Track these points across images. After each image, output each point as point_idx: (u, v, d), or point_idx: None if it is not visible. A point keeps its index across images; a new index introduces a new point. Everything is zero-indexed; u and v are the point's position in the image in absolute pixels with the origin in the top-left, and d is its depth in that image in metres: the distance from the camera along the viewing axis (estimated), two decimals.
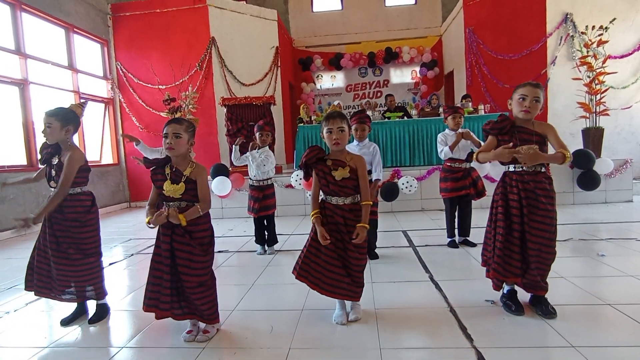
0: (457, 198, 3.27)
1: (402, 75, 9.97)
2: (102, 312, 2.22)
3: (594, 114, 5.51)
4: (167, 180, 1.81)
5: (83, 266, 2.12)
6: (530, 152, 1.79)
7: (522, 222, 1.93)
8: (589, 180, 4.94)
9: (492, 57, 7.31)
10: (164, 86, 6.98)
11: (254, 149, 3.40)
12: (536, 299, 1.99)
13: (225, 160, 6.63)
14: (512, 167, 2.00)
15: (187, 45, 7.10)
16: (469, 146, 3.19)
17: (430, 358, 1.65)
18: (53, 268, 2.10)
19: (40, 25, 5.85)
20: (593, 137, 5.45)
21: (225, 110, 5.97)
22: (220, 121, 6.90)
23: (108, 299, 2.30)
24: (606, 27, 5.62)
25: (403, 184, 5.06)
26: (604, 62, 5.53)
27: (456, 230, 3.38)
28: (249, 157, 3.37)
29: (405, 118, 6.26)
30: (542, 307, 1.94)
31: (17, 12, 5.33)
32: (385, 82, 10.01)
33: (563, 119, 6.54)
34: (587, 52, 5.80)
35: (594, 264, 2.75)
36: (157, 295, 1.84)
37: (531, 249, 1.91)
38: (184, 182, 1.80)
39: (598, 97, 5.48)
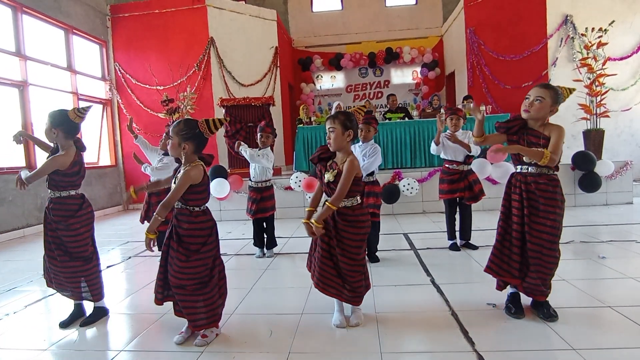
0: (456, 200, 3.27)
1: (402, 76, 9.95)
2: (97, 315, 2.21)
3: (594, 116, 5.51)
4: (172, 182, 1.89)
5: (68, 268, 2.13)
6: (511, 148, 1.90)
7: (523, 222, 1.92)
8: (590, 182, 4.94)
9: (494, 58, 7.31)
10: (162, 87, 6.97)
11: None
12: (538, 302, 1.98)
13: (223, 162, 6.62)
14: (518, 168, 2.00)
15: (185, 45, 7.09)
16: (461, 150, 3.18)
17: None
18: (55, 263, 2.16)
19: (40, 27, 5.84)
20: (594, 139, 5.45)
21: (224, 111, 5.95)
22: None
23: (106, 302, 2.29)
24: (605, 29, 5.62)
25: (404, 186, 5.04)
26: (603, 63, 5.53)
27: (457, 233, 3.37)
28: (248, 151, 3.28)
29: (406, 119, 6.25)
30: (543, 310, 1.93)
31: (18, 14, 5.33)
32: (386, 83, 9.99)
33: (564, 121, 6.48)
34: (588, 53, 5.80)
35: (595, 267, 2.74)
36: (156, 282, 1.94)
37: (531, 251, 1.91)
38: (174, 183, 1.86)
39: (598, 98, 5.47)
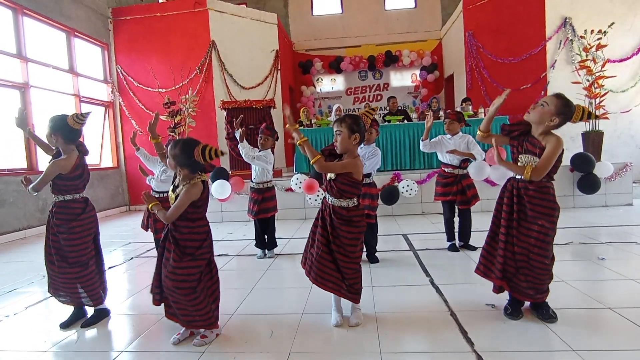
0: (453, 203, 3.28)
1: (402, 79, 10.00)
2: (98, 317, 2.22)
3: (593, 118, 5.52)
4: (172, 186, 1.92)
5: (65, 274, 2.12)
6: (496, 155, 1.91)
7: (511, 226, 1.95)
8: (589, 183, 4.95)
9: (492, 61, 7.34)
10: (164, 89, 7.00)
11: (242, 140, 3.29)
12: (537, 303, 1.98)
13: (225, 164, 6.64)
14: (512, 173, 2.02)
15: (187, 48, 7.13)
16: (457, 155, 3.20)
17: None
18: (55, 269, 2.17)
19: (42, 29, 5.87)
20: (593, 141, 5.47)
21: (225, 113, 5.98)
22: (220, 124, 6.91)
23: (107, 303, 2.30)
24: (605, 31, 5.65)
25: (403, 187, 5.06)
26: (603, 65, 5.56)
27: (456, 235, 3.38)
28: (246, 148, 3.25)
29: (406, 121, 6.27)
30: (542, 311, 1.94)
31: (19, 16, 5.36)
32: (385, 86, 10.04)
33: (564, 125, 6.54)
34: (586, 55, 5.83)
35: (595, 268, 2.75)
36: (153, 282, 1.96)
37: (518, 254, 1.93)
38: (176, 196, 1.87)
39: (597, 100, 5.50)
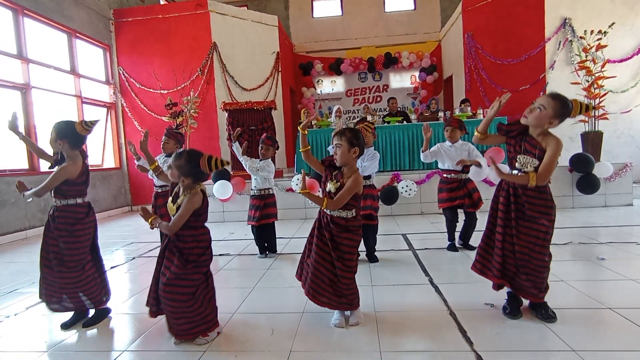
0: (455, 208, 3.28)
1: (401, 80, 10.03)
2: (98, 316, 2.22)
3: (593, 118, 5.53)
4: (171, 197, 1.93)
5: (64, 279, 2.12)
6: (496, 169, 1.92)
7: (508, 225, 1.95)
8: (588, 184, 4.95)
9: (491, 62, 7.36)
10: (166, 91, 7.03)
11: (245, 152, 3.37)
12: (536, 303, 1.99)
13: (227, 166, 6.65)
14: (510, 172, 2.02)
15: (188, 50, 7.16)
16: (459, 157, 3.21)
17: None
18: (54, 275, 2.13)
19: (43, 30, 5.90)
20: (592, 141, 5.48)
21: (226, 114, 6.00)
22: (221, 126, 6.94)
23: (109, 302, 2.30)
24: (605, 32, 5.66)
25: (402, 187, 5.07)
26: (602, 66, 5.57)
27: (457, 234, 3.39)
28: (249, 162, 3.33)
29: (405, 122, 6.30)
30: (541, 311, 1.95)
31: (19, 17, 5.38)
32: (385, 87, 10.06)
33: (563, 123, 6.55)
34: (586, 56, 5.84)
35: (594, 268, 2.75)
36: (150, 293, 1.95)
37: (519, 253, 1.93)
38: (176, 207, 1.87)
39: (597, 101, 5.51)
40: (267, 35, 8.02)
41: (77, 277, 2.12)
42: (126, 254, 3.92)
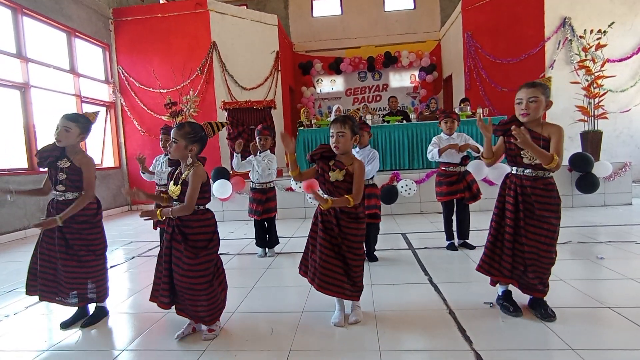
0: (453, 202, 3.30)
1: (401, 80, 10.03)
2: (98, 315, 2.23)
3: (592, 117, 5.53)
4: (171, 181, 1.91)
5: (92, 268, 2.17)
6: (523, 136, 1.78)
7: (517, 225, 1.94)
8: (587, 183, 4.95)
9: (491, 62, 7.35)
10: (166, 90, 7.02)
11: (255, 153, 3.42)
12: (535, 302, 1.99)
13: (226, 164, 6.65)
14: (514, 170, 2.01)
15: (188, 49, 7.15)
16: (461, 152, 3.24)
17: None
18: (61, 272, 2.10)
19: (42, 29, 5.89)
20: (591, 141, 5.48)
21: (226, 114, 6.00)
22: None
23: (108, 301, 2.31)
24: (605, 31, 5.66)
25: (402, 187, 5.07)
26: (602, 65, 5.57)
27: (455, 233, 3.39)
28: (254, 161, 3.37)
29: (404, 122, 6.30)
30: (541, 310, 1.95)
31: (19, 16, 5.37)
32: (385, 86, 10.06)
33: (561, 122, 6.33)
34: (586, 55, 5.84)
35: (593, 267, 2.76)
36: (158, 288, 1.94)
37: (528, 252, 1.92)
38: (180, 185, 1.87)
39: (596, 100, 5.51)
40: (267, 35, 8.01)
41: (95, 266, 2.18)
42: (125, 254, 3.92)
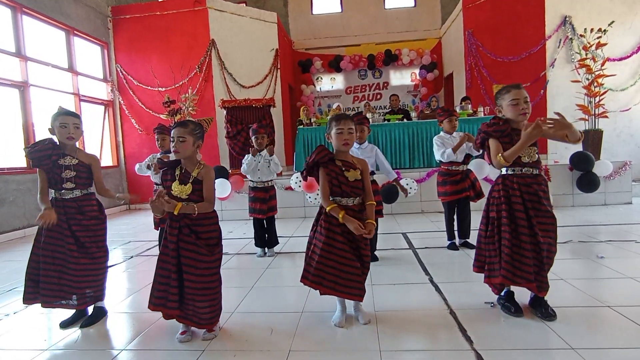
0: (456, 201, 3.28)
1: (401, 78, 9.99)
2: (97, 315, 2.22)
3: (593, 116, 5.53)
4: (176, 181, 1.89)
5: (102, 265, 2.18)
6: (563, 121, 1.76)
7: (531, 224, 1.90)
8: (588, 182, 4.95)
9: (492, 60, 7.34)
10: (164, 88, 7.00)
11: (254, 154, 3.39)
12: (537, 301, 1.98)
13: (224, 162, 6.64)
14: (511, 170, 1.98)
15: (187, 47, 7.12)
16: (465, 149, 3.23)
17: None
18: (71, 273, 2.07)
19: (41, 28, 5.86)
20: (592, 140, 5.47)
21: (224, 112, 5.98)
22: (219, 123, 6.91)
23: (106, 301, 2.30)
24: (605, 30, 5.65)
25: (403, 186, 5.05)
26: (602, 64, 5.56)
27: (456, 233, 3.39)
28: (261, 162, 3.34)
29: (405, 120, 6.28)
30: (541, 309, 1.94)
31: (18, 14, 5.35)
32: (385, 84, 10.03)
33: None
34: (586, 54, 5.83)
35: (594, 266, 2.75)
36: (164, 295, 1.86)
37: (545, 251, 1.90)
38: (191, 183, 1.87)
39: (597, 99, 5.50)
40: (266, 32, 7.98)
41: (102, 263, 2.18)
42: (124, 253, 3.91)
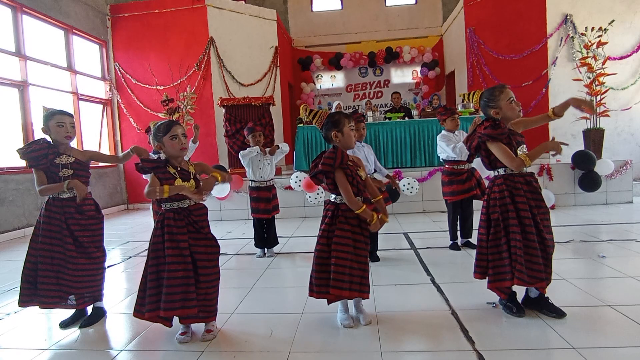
0: (460, 200, 3.23)
1: (402, 76, 9.95)
2: (96, 316, 2.21)
3: (594, 115, 5.50)
4: (178, 178, 1.87)
5: (100, 265, 2.18)
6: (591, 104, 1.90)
7: (536, 222, 1.90)
8: (590, 181, 4.94)
9: (493, 58, 7.31)
10: (162, 87, 6.97)
11: (265, 152, 3.37)
12: (541, 301, 1.96)
13: (223, 161, 6.62)
14: (510, 170, 1.95)
15: (185, 45, 7.09)
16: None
17: None
18: (69, 273, 2.06)
19: (40, 27, 5.84)
20: (594, 138, 5.46)
21: (223, 111, 5.95)
22: (218, 122, 6.88)
23: (105, 302, 2.29)
24: (605, 29, 5.63)
25: (404, 185, 5.04)
26: (603, 63, 5.53)
27: (458, 232, 3.37)
28: (264, 160, 3.33)
29: (407, 119, 6.26)
30: (548, 307, 1.93)
31: (18, 14, 5.33)
32: (386, 82, 9.99)
33: (564, 120, 6.39)
34: (587, 53, 5.80)
35: (595, 266, 2.74)
36: (177, 298, 1.80)
37: (550, 247, 1.90)
38: (193, 179, 1.91)
39: (598, 98, 5.47)
40: (265, 30, 7.94)
41: (101, 263, 2.18)
42: (122, 253, 3.91)
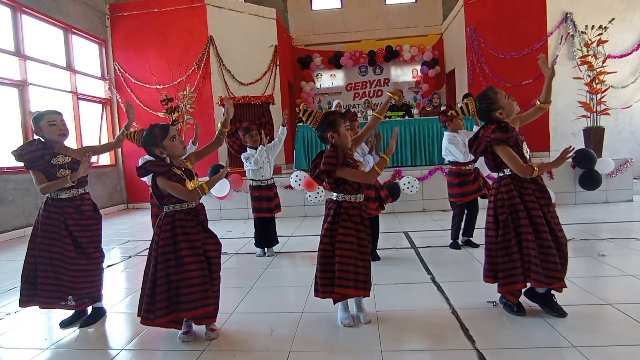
0: (466, 202, 3.20)
1: (402, 74, 9.94)
2: (96, 316, 2.21)
3: (594, 113, 5.50)
4: (186, 179, 1.91)
5: (98, 265, 2.17)
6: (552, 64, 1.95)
7: (547, 220, 1.89)
8: (590, 179, 4.93)
9: (494, 56, 7.29)
10: (162, 86, 6.96)
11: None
12: (548, 297, 1.95)
13: (223, 161, 6.61)
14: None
15: (184, 44, 7.08)
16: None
17: None
18: (69, 274, 2.06)
19: (39, 27, 5.83)
20: (594, 137, 5.45)
21: (223, 110, 5.94)
22: (218, 121, 6.86)
23: (104, 302, 2.29)
24: (605, 27, 5.62)
25: (404, 184, 5.04)
26: (603, 61, 5.52)
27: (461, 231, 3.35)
28: (266, 150, 3.34)
29: (407, 117, 6.25)
30: (552, 306, 1.92)
31: (18, 13, 5.32)
32: (386, 81, 9.98)
33: (564, 118, 6.55)
34: (588, 51, 5.79)
35: (595, 264, 2.74)
36: (196, 297, 1.80)
37: (563, 245, 1.90)
38: (195, 175, 1.95)
39: (599, 96, 5.47)
40: (265, 29, 7.92)
41: (100, 264, 2.18)
42: (122, 253, 3.90)
